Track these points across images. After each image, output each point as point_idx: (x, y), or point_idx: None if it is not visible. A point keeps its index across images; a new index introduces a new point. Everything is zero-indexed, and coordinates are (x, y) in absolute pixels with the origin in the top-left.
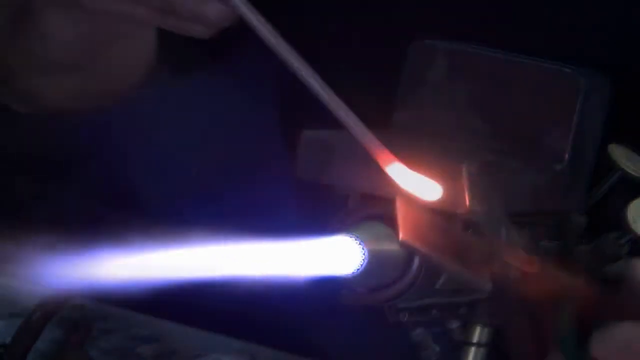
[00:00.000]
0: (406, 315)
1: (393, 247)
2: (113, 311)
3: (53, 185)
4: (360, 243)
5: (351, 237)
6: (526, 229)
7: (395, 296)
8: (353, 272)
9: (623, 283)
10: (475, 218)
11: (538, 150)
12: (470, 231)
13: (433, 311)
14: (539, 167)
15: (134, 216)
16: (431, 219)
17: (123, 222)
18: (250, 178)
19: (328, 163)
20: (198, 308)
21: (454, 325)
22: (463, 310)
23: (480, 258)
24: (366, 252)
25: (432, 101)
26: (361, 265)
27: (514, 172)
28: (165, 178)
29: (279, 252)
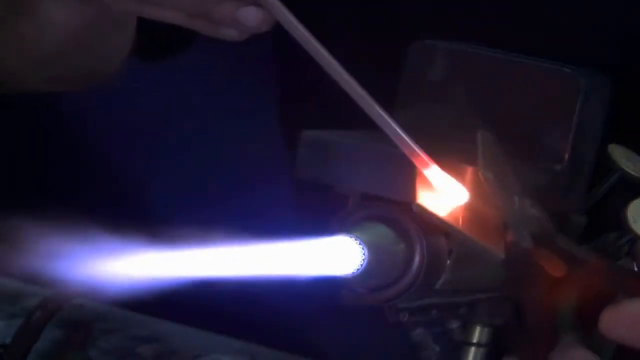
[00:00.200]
0: (406, 315)
1: (393, 247)
2: (113, 311)
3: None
4: (360, 243)
5: (351, 237)
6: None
7: (395, 296)
8: (353, 272)
9: (634, 262)
10: (487, 186)
11: (538, 150)
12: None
13: (433, 311)
14: (539, 167)
15: (134, 216)
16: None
17: (123, 223)
18: (250, 178)
19: (328, 163)
20: (198, 308)
21: (454, 325)
22: (463, 310)
23: (493, 228)
24: (366, 252)
25: (432, 101)
26: (361, 265)
27: (514, 172)
28: (165, 178)
29: (279, 252)
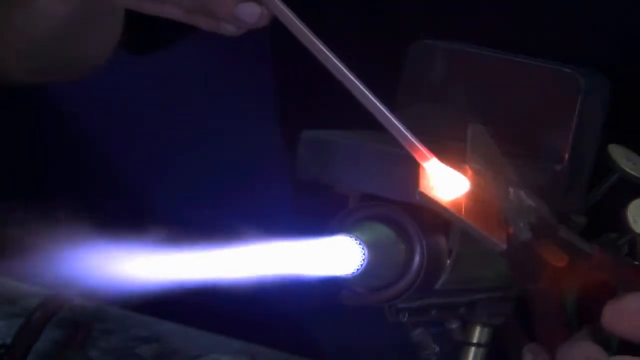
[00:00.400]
0: (406, 315)
1: (393, 247)
2: (113, 311)
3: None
4: (360, 243)
5: (351, 237)
6: None
7: (395, 296)
8: (353, 272)
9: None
10: (477, 178)
11: (538, 150)
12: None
13: (433, 311)
14: (539, 167)
15: (134, 216)
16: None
17: (123, 222)
18: (250, 178)
19: (328, 163)
20: (198, 308)
21: (454, 325)
22: (463, 310)
23: (496, 220)
24: (366, 252)
25: (432, 101)
26: (361, 265)
27: (520, 176)
28: (164, 178)
29: (279, 252)
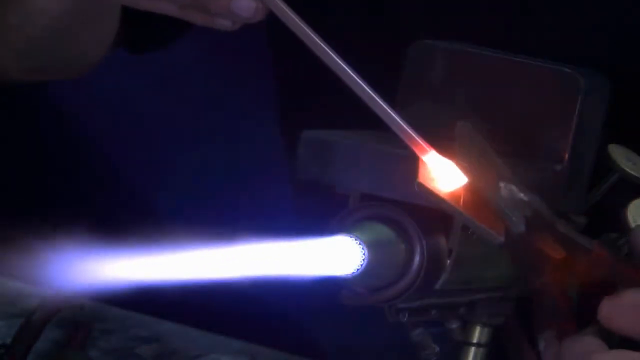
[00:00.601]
0: (406, 315)
1: (393, 247)
2: (113, 311)
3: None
4: (360, 243)
5: (351, 237)
6: None
7: (395, 296)
8: (353, 272)
9: (633, 253)
10: (466, 174)
11: (538, 150)
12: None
13: (433, 311)
14: (539, 167)
15: (134, 216)
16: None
17: (123, 223)
18: (250, 178)
19: (328, 163)
20: (198, 308)
21: (454, 325)
22: (463, 310)
23: (494, 214)
24: (366, 252)
25: (432, 101)
26: (361, 265)
27: (514, 173)
28: (164, 178)
29: (279, 252)
